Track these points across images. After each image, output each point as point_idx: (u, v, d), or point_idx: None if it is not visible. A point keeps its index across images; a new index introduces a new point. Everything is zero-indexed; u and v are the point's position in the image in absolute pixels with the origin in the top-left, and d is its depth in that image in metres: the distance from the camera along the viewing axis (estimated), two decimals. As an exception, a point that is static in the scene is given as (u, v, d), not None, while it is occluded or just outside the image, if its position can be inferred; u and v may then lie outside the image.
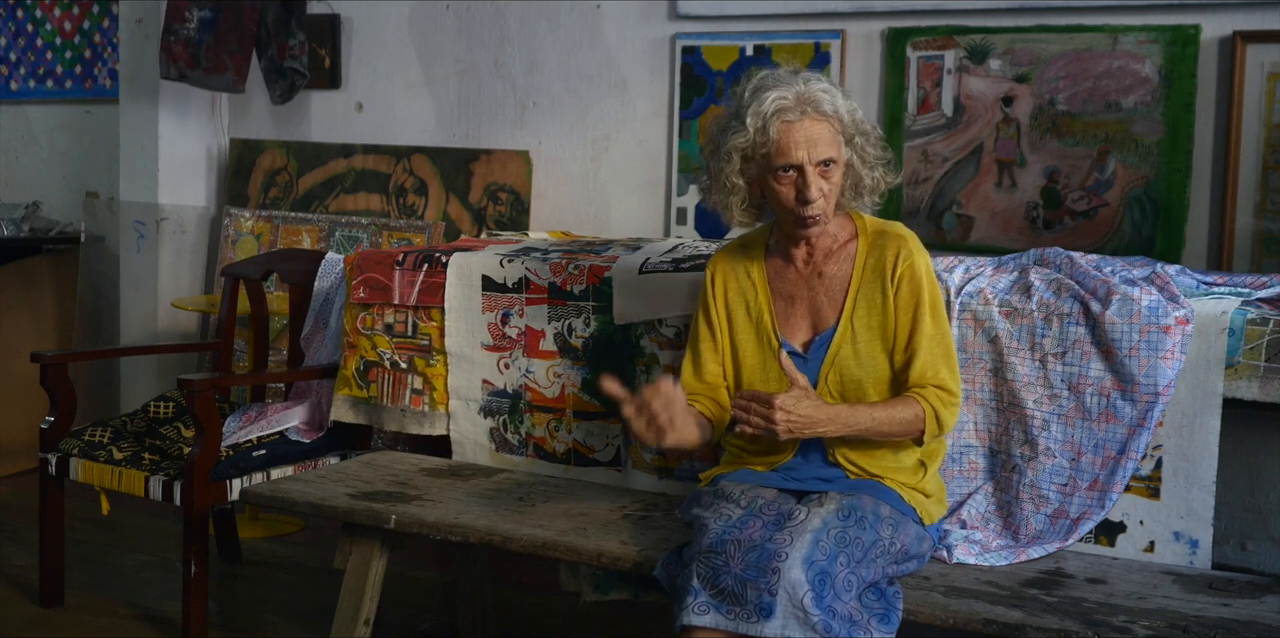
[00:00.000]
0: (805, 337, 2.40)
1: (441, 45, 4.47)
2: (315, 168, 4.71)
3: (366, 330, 3.19)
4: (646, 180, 4.11)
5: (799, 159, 2.26)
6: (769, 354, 2.41)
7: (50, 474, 3.41)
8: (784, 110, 2.26)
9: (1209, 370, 2.38)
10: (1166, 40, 3.32)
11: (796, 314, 2.42)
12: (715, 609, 2.06)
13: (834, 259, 2.41)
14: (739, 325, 2.46)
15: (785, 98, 2.27)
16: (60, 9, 5.61)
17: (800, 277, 2.42)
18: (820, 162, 2.27)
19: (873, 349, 2.35)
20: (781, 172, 2.29)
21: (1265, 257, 3.26)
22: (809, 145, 2.26)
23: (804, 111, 2.27)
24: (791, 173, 2.28)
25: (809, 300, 2.41)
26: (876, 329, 2.35)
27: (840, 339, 2.36)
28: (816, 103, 2.28)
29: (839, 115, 2.30)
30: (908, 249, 2.36)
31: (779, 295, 2.44)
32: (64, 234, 5.28)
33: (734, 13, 3.89)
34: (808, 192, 2.27)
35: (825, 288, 2.40)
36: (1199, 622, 2.09)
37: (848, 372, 2.35)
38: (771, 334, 2.42)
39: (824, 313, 2.40)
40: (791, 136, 2.26)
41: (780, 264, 2.45)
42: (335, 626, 2.72)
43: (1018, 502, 2.51)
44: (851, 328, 2.36)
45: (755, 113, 2.28)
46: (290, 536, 4.12)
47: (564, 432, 2.98)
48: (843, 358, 2.35)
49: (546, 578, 3.07)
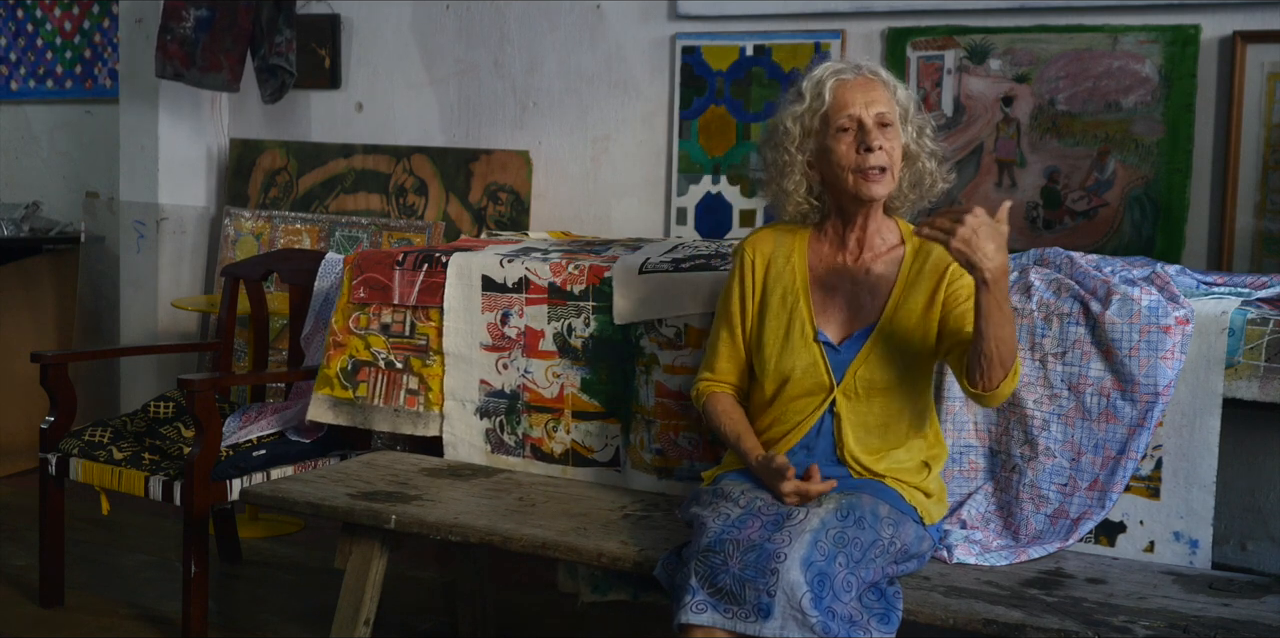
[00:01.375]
0: (841, 330, 2.39)
1: (441, 45, 4.47)
2: (315, 168, 4.71)
3: (360, 330, 3.19)
4: (646, 180, 4.11)
5: (857, 112, 2.29)
6: (798, 341, 2.39)
7: (50, 474, 3.41)
8: (840, 71, 2.34)
9: (1209, 370, 2.38)
10: (1166, 40, 3.32)
11: (834, 305, 2.41)
12: (713, 608, 2.06)
13: (882, 260, 2.41)
14: (771, 309, 2.44)
15: (840, 64, 2.36)
16: (60, 9, 5.61)
17: (845, 268, 2.42)
18: (878, 116, 2.30)
19: (907, 352, 2.35)
20: (841, 131, 2.31)
21: (1265, 257, 3.26)
22: (867, 101, 2.30)
23: (860, 73, 2.33)
24: (851, 130, 2.30)
25: (850, 294, 2.40)
26: (915, 332, 2.35)
27: (878, 337, 2.35)
28: (873, 70, 2.36)
29: (895, 88, 2.35)
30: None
31: (818, 284, 2.43)
32: (64, 234, 5.28)
33: (734, 13, 3.89)
34: (870, 138, 2.28)
35: (869, 284, 2.40)
36: (1199, 622, 2.09)
37: (877, 371, 2.34)
38: (807, 322, 2.40)
39: (865, 309, 2.39)
40: (849, 93, 2.31)
41: (826, 253, 2.44)
42: (335, 626, 2.72)
43: (1018, 502, 2.51)
44: (892, 328, 2.36)
45: (811, 79, 2.36)
46: (290, 536, 4.12)
47: (562, 432, 2.98)
48: (876, 356, 2.35)
49: (546, 578, 3.07)
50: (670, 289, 2.82)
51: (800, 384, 2.38)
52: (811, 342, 2.39)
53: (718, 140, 3.95)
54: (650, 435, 2.85)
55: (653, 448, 2.85)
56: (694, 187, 3.99)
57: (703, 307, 2.76)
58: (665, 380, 2.82)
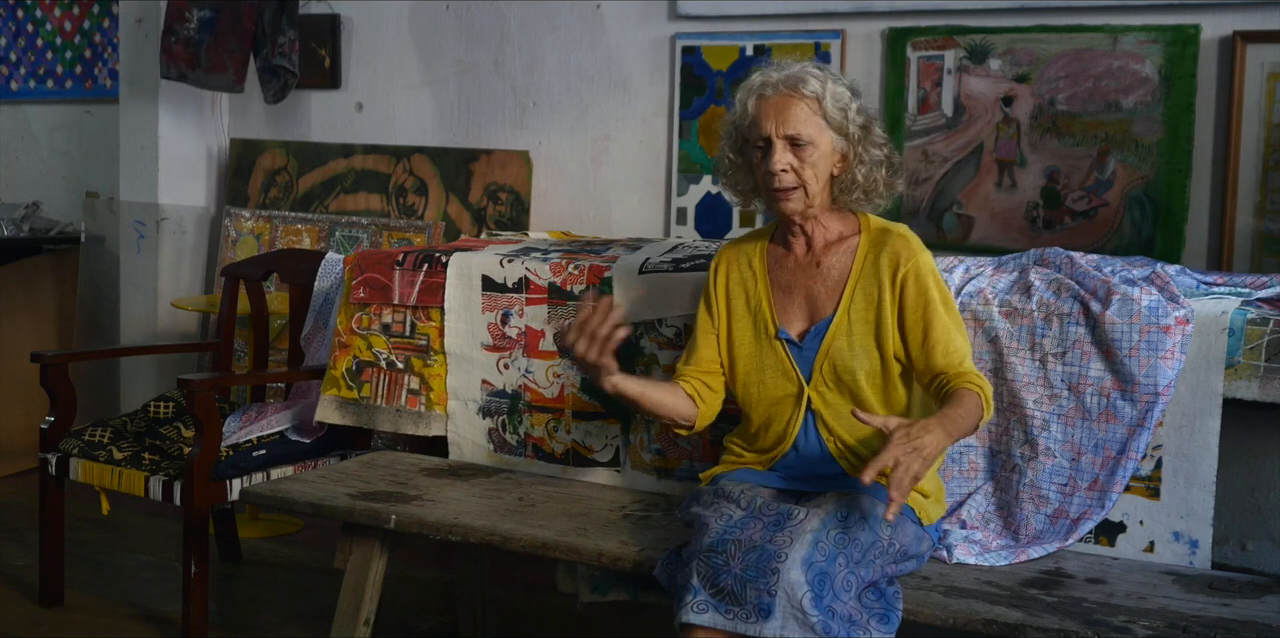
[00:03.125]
0: (801, 326, 2.41)
1: (441, 45, 4.47)
2: (315, 168, 4.71)
3: (362, 330, 3.19)
4: (646, 180, 4.11)
5: (767, 131, 2.32)
6: (765, 343, 2.42)
7: (50, 474, 3.41)
8: (764, 85, 2.34)
9: (1209, 370, 2.38)
10: (1166, 40, 3.32)
11: (794, 304, 2.43)
12: (714, 608, 2.06)
13: (833, 251, 2.41)
14: (737, 314, 2.47)
15: (770, 75, 2.35)
16: (60, 9, 5.61)
17: (799, 266, 2.44)
18: (788, 136, 2.31)
19: (867, 341, 2.35)
20: (757, 147, 2.35)
21: (1265, 257, 3.26)
22: (778, 119, 2.31)
23: (780, 89, 2.32)
24: (762, 149, 2.34)
25: (806, 290, 2.42)
26: (872, 323, 2.35)
27: (836, 329, 2.36)
28: (800, 82, 2.32)
29: (821, 98, 2.32)
30: (910, 249, 2.36)
31: (777, 284, 2.45)
32: (64, 234, 5.28)
33: (734, 13, 3.89)
34: (770, 161, 2.31)
35: (823, 279, 2.41)
36: (1199, 622, 2.09)
37: (842, 362, 2.35)
38: (769, 322, 2.43)
39: (821, 303, 2.40)
40: (763, 110, 2.32)
41: (781, 253, 2.47)
42: (335, 626, 2.72)
43: (1018, 502, 2.51)
44: (848, 319, 2.36)
45: (743, 88, 2.38)
46: (290, 536, 4.12)
47: (563, 432, 2.98)
48: (837, 348, 2.36)
49: (546, 578, 3.06)
50: (670, 289, 2.82)
51: (775, 386, 2.39)
52: (774, 340, 2.41)
53: (718, 140, 3.94)
54: (650, 435, 2.86)
55: (653, 448, 2.86)
56: (694, 187, 3.99)
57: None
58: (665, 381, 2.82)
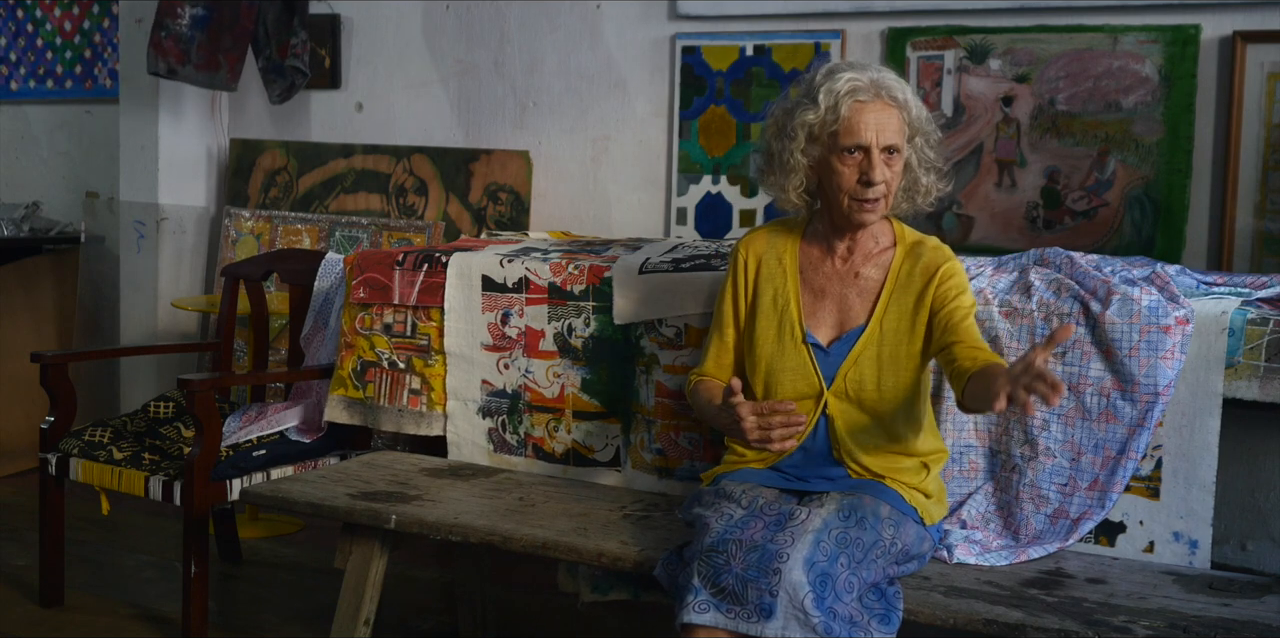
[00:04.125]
0: (830, 333, 2.40)
1: (441, 45, 4.47)
2: (315, 168, 4.71)
3: (365, 330, 3.19)
4: (646, 180, 4.11)
5: (867, 140, 2.27)
6: (789, 345, 2.40)
7: (50, 474, 3.41)
8: (858, 91, 2.28)
9: (1209, 370, 2.38)
10: (1166, 40, 3.32)
11: (824, 309, 2.41)
12: (716, 608, 2.06)
13: (872, 262, 2.41)
14: (763, 309, 2.45)
15: (859, 80, 2.29)
16: (60, 9, 5.61)
17: (835, 272, 2.42)
18: (886, 147, 2.28)
19: (897, 354, 2.35)
20: (847, 152, 2.29)
21: (1265, 257, 3.26)
22: (878, 128, 2.27)
23: (877, 95, 2.29)
24: (857, 155, 2.29)
25: (839, 297, 2.40)
26: (905, 334, 2.35)
27: (868, 339, 2.36)
28: (889, 89, 2.30)
29: (909, 107, 2.32)
30: (946, 256, 2.38)
31: (808, 286, 2.43)
32: (64, 234, 5.28)
33: (734, 13, 3.89)
34: (872, 173, 2.27)
35: (859, 288, 2.40)
36: (1199, 622, 2.09)
37: (868, 373, 2.34)
38: (796, 324, 2.41)
39: (854, 311, 2.39)
40: (862, 117, 2.27)
41: (817, 256, 2.45)
42: (335, 626, 2.72)
43: (1018, 502, 2.51)
44: (880, 330, 2.36)
45: (828, 91, 2.29)
46: (290, 536, 4.12)
47: (563, 432, 2.98)
48: (866, 358, 2.35)
49: (546, 578, 3.07)
50: (670, 289, 2.82)
51: (792, 386, 2.38)
52: (801, 344, 2.39)
53: (718, 140, 3.95)
54: (650, 435, 2.86)
55: (653, 448, 2.86)
56: (694, 187, 3.99)
57: (703, 307, 2.77)
58: (665, 380, 2.82)
